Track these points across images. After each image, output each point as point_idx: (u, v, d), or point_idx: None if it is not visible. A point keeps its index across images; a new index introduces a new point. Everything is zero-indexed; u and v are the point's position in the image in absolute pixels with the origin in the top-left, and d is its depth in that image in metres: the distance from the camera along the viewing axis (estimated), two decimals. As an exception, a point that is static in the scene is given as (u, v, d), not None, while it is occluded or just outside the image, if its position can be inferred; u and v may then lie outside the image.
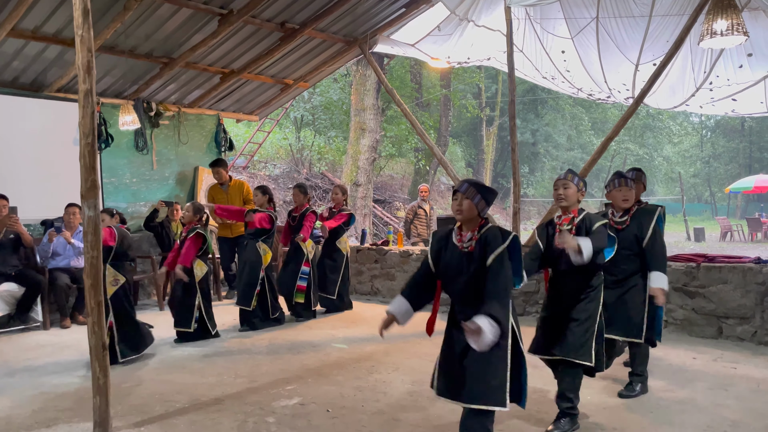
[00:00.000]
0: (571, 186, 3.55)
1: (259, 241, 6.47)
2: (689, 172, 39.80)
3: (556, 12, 7.26)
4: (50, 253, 6.84)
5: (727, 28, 4.47)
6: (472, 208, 2.96)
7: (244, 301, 6.38)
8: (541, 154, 31.49)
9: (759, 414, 3.70)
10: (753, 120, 33.22)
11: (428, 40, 8.14)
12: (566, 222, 3.56)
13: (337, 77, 19.02)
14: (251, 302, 6.36)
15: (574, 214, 3.56)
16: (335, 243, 7.31)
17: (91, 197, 3.48)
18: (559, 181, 3.61)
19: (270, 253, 6.56)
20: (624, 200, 4.10)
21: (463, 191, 2.98)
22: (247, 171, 15.80)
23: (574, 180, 3.57)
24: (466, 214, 2.97)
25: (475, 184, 3.01)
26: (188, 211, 6.00)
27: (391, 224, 15.65)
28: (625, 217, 4.14)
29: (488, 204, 3.00)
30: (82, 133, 3.46)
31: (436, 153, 8.75)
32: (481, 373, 2.88)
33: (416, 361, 5.01)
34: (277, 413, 3.87)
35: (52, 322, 6.75)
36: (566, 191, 3.55)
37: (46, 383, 4.61)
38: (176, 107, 8.88)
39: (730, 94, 7.37)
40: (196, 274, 5.85)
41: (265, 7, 6.92)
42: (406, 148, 20.17)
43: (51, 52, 6.87)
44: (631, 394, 4.05)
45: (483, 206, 2.97)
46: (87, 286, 3.50)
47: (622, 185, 4.08)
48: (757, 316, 5.32)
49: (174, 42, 7.26)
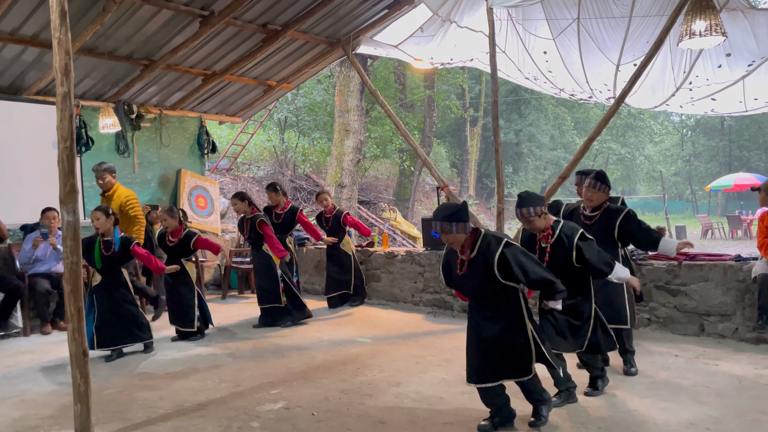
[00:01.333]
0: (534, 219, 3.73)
1: (263, 245, 6.53)
2: (670, 170, 40.24)
3: (538, 13, 7.29)
4: (32, 259, 6.73)
5: (706, 29, 4.52)
6: (458, 236, 3.33)
7: (274, 299, 6.51)
8: (525, 154, 31.66)
9: (740, 410, 3.74)
10: (732, 119, 33.68)
11: (411, 41, 8.13)
12: (544, 239, 3.79)
13: (321, 78, 18.96)
14: (281, 299, 6.51)
15: (549, 232, 3.77)
16: (339, 245, 7.51)
17: (70, 202, 3.43)
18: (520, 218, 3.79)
19: None
20: (588, 200, 4.43)
21: (440, 230, 3.36)
22: (230, 173, 15.69)
23: (531, 212, 3.71)
24: (456, 243, 3.38)
25: (445, 218, 3.33)
26: (167, 219, 5.96)
27: (376, 225, 15.63)
28: (596, 212, 4.43)
29: (465, 220, 3.31)
30: (60, 137, 3.41)
31: (420, 154, 8.75)
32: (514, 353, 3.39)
33: (402, 363, 5.00)
34: (261, 418, 3.84)
35: (32, 328, 6.66)
36: (531, 224, 3.77)
37: (26, 390, 4.54)
38: (158, 109, 8.80)
39: (710, 94, 7.44)
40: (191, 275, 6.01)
41: (247, 8, 6.88)
42: (390, 149, 20.15)
43: (29, 54, 6.78)
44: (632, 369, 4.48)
45: (462, 227, 3.31)
46: (67, 292, 3.45)
47: (592, 186, 4.39)
48: (738, 313, 5.38)
49: (155, 44, 7.19)
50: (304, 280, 8.92)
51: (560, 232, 3.71)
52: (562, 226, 3.74)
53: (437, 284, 7.34)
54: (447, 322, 6.64)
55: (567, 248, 3.66)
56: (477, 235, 3.36)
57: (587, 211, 4.48)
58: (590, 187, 4.38)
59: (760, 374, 4.45)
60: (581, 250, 3.62)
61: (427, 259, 7.47)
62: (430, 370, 4.78)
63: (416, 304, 7.58)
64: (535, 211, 3.70)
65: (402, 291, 7.77)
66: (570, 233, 3.68)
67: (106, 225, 5.29)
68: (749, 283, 5.27)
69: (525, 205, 3.71)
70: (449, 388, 4.32)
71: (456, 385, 4.35)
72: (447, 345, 5.50)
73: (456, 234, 3.31)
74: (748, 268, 5.32)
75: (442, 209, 3.39)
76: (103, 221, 5.27)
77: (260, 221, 6.44)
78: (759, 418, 3.62)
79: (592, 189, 4.38)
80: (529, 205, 3.70)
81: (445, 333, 6.08)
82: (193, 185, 9.33)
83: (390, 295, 7.91)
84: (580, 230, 3.72)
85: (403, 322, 6.77)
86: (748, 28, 6.29)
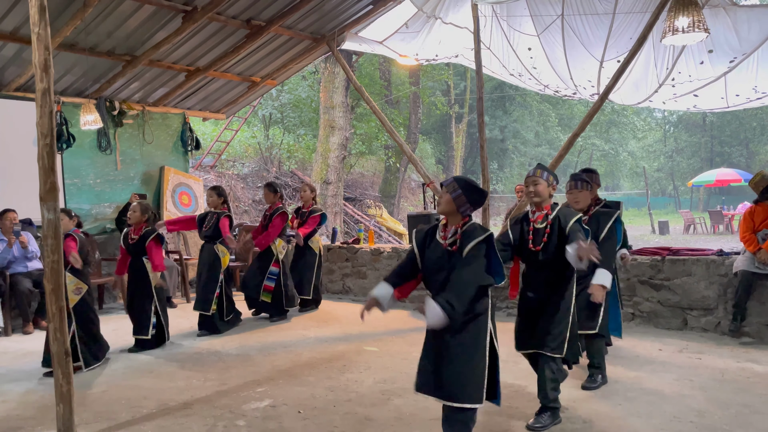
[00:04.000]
0: (540, 182, 3.56)
1: (216, 243, 6.32)
2: (653, 166, 40.63)
3: (522, 9, 7.31)
4: (7, 261, 6.61)
5: (689, 25, 4.55)
6: (450, 202, 3.03)
7: (204, 305, 6.20)
8: (510, 150, 31.79)
9: (723, 403, 3.79)
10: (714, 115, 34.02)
11: (396, 37, 8.12)
12: (540, 219, 3.59)
13: (306, 75, 18.86)
14: (211, 306, 6.18)
15: (548, 210, 3.58)
16: (307, 243, 7.25)
17: (51, 200, 3.37)
18: (528, 179, 3.63)
19: (228, 255, 6.45)
20: (575, 202, 4.25)
21: (445, 185, 3.08)
22: (214, 170, 15.58)
23: (543, 175, 3.58)
24: (443, 207, 3.06)
25: (459, 180, 3.06)
26: (136, 212, 5.59)
27: (362, 222, 15.62)
28: (584, 216, 4.24)
29: (470, 201, 3.04)
30: (40, 134, 3.35)
31: (406, 150, 8.74)
32: (461, 372, 2.95)
33: (388, 360, 5.00)
34: (247, 416, 3.82)
35: (13, 327, 6.56)
36: (537, 188, 3.57)
37: (8, 391, 4.47)
38: (140, 106, 8.70)
39: (692, 90, 7.51)
40: (151, 279, 5.60)
41: (231, 3, 6.81)
42: (376, 145, 20.12)
43: (8, 50, 6.67)
44: (593, 385, 4.15)
45: (463, 202, 3.03)
46: (48, 291, 3.39)
47: (572, 188, 4.26)
48: (720, 307, 5.44)
49: (137, 39, 7.10)
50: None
51: (557, 213, 3.54)
52: (560, 208, 3.61)
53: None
54: (433, 319, 6.64)
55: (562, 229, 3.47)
56: (467, 221, 3.10)
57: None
58: (572, 189, 4.26)
59: (742, 367, 4.51)
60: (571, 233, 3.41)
61: (413, 255, 7.46)
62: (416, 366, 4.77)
63: (402, 300, 7.56)
64: (546, 176, 3.55)
65: (388, 287, 7.76)
66: (566, 215, 3.52)
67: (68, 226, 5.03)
68: (731, 277, 5.34)
69: (540, 168, 3.61)
70: (436, 384, 4.31)
71: (442, 381, 4.35)
72: (433, 341, 5.49)
73: (450, 200, 3.02)
74: (730, 262, 5.39)
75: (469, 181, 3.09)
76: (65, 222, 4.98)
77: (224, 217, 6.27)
78: (741, 410, 3.66)
79: (575, 190, 4.25)
80: (543, 169, 3.60)
81: (432, 329, 6.07)
82: (176, 182, 9.24)
83: (376, 291, 7.89)
84: (578, 215, 3.58)
85: (389, 318, 6.73)
86: (730, 25, 6.35)
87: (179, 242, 9.37)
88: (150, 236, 5.57)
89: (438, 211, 3.11)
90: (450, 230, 3.07)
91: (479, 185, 3.13)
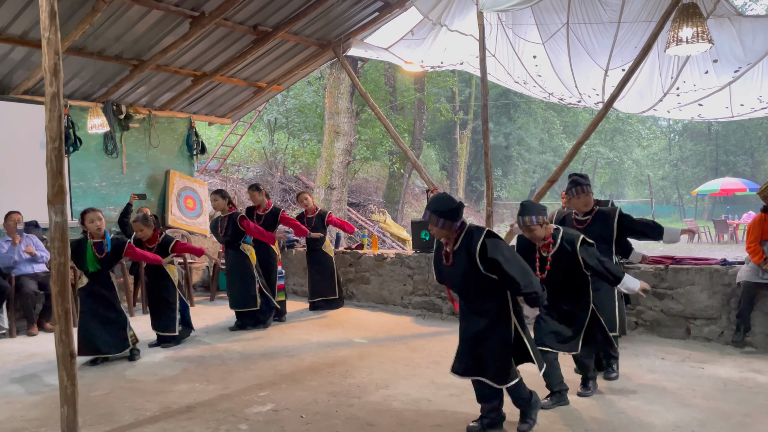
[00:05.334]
0: (534, 228, 3.73)
1: (240, 244, 6.49)
2: (658, 174, 40.56)
3: (528, 17, 7.34)
4: (13, 260, 6.65)
5: (693, 36, 4.57)
6: (441, 231, 3.36)
7: (250, 302, 6.44)
8: (514, 157, 31.79)
9: (725, 414, 3.78)
10: (719, 124, 34.02)
11: (402, 44, 8.16)
12: (544, 248, 3.80)
13: (311, 80, 18.93)
14: (257, 301, 6.45)
15: (549, 240, 3.78)
16: (321, 248, 7.49)
17: (58, 202, 3.40)
18: (523, 227, 3.79)
19: (254, 251, 6.59)
20: (585, 206, 4.45)
21: (427, 220, 3.38)
22: (219, 174, 15.63)
23: (534, 221, 3.71)
24: (438, 236, 3.42)
25: (434, 211, 3.34)
26: (143, 230, 5.69)
27: (366, 228, 15.63)
28: (588, 216, 4.48)
29: (454, 219, 3.34)
30: (48, 137, 3.39)
31: (410, 157, 8.77)
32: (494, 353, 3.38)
33: (390, 365, 5.01)
34: (249, 420, 3.83)
35: (18, 329, 6.60)
36: (533, 233, 3.76)
37: (12, 392, 4.50)
38: (147, 110, 8.76)
39: (697, 99, 7.52)
40: (173, 278, 5.84)
41: (238, 9, 6.87)
42: (380, 151, 20.14)
43: (17, 53, 6.73)
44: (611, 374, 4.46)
45: (450, 225, 3.33)
46: (54, 294, 3.42)
47: (580, 193, 4.41)
48: (724, 317, 5.43)
49: (144, 44, 7.16)
50: (293, 282, 8.91)
51: (561, 241, 3.73)
52: (563, 234, 3.76)
53: (426, 287, 7.36)
54: (436, 325, 6.66)
55: (572, 256, 3.70)
56: (462, 228, 3.38)
57: (580, 216, 4.51)
58: (579, 194, 4.40)
59: (745, 377, 4.50)
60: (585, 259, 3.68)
61: (416, 261, 7.48)
62: (419, 372, 4.79)
63: (405, 306, 7.59)
64: (537, 220, 3.70)
65: (391, 293, 7.78)
66: (571, 240, 3.71)
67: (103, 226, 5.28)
68: (735, 287, 5.33)
69: (527, 214, 3.72)
70: (437, 390, 4.33)
71: (444, 387, 4.37)
72: (436, 347, 5.51)
73: (439, 230, 3.35)
74: (734, 272, 5.38)
75: (438, 201, 3.37)
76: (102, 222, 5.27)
77: (240, 217, 6.41)
78: (743, 420, 3.66)
79: (582, 193, 4.40)
80: (531, 213, 3.71)
81: (434, 335, 6.09)
82: (181, 186, 9.29)
83: (379, 297, 7.92)
84: (580, 236, 3.73)
85: (392, 324, 6.77)
86: (734, 35, 6.36)
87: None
88: (171, 242, 5.81)
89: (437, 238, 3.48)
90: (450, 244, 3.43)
91: (451, 199, 3.40)
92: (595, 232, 4.30)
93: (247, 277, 6.47)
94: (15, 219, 6.70)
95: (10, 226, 6.67)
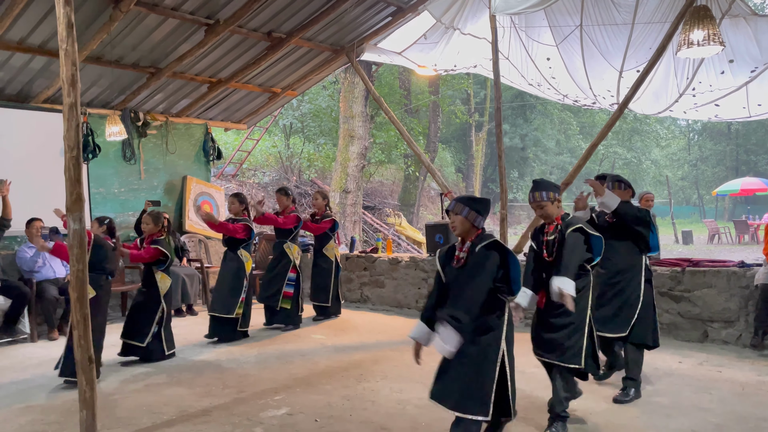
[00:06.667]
0: (545, 205, 3.62)
1: (240, 249, 6.39)
2: (677, 175, 40.10)
3: (541, 20, 7.33)
4: (36, 264, 6.78)
5: (704, 39, 4.53)
6: (464, 221, 3.13)
7: (228, 309, 6.22)
8: (531, 158, 31.66)
9: (742, 417, 3.75)
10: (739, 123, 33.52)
11: (415, 48, 8.19)
12: (551, 230, 3.67)
13: (326, 84, 19.02)
14: (235, 309, 6.22)
15: (558, 222, 3.64)
16: (321, 250, 7.34)
17: (77, 210, 3.47)
18: (533, 203, 3.68)
19: (251, 260, 6.52)
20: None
21: (452, 208, 3.19)
22: (236, 179, 15.77)
23: (544, 196, 3.60)
24: (459, 229, 3.16)
25: (462, 199, 3.19)
26: (148, 223, 5.56)
27: (381, 231, 15.66)
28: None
29: (480, 214, 3.14)
30: (67, 146, 3.46)
31: (424, 160, 8.79)
32: (469, 382, 3.00)
33: (405, 370, 5.02)
34: (264, 424, 3.87)
35: (39, 334, 6.71)
36: (544, 210, 3.64)
37: (33, 396, 4.59)
38: (164, 117, 8.88)
39: (713, 100, 7.45)
40: (160, 287, 5.50)
41: (252, 16, 6.94)
42: (395, 154, 20.18)
43: (37, 63, 6.86)
44: (625, 399, 4.09)
45: (474, 217, 3.12)
46: (73, 300, 3.49)
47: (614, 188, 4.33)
48: (742, 319, 5.38)
49: (161, 52, 7.26)
50: (306, 286, 8.91)
51: (563, 224, 3.60)
52: (569, 218, 3.63)
53: (441, 290, 7.34)
54: (451, 328, 6.64)
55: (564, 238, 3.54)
56: (481, 233, 3.16)
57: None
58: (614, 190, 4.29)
59: (762, 381, 4.45)
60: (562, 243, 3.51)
61: (431, 264, 7.49)
62: (433, 376, 4.78)
63: (420, 310, 7.58)
64: (548, 195, 3.59)
65: (406, 297, 7.80)
66: (568, 224, 3.56)
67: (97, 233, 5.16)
68: (753, 289, 5.27)
69: (538, 189, 3.62)
70: (452, 394, 4.33)
71: (458, 391, 4.36)
72: (450, 351, 5.49)
73: (463, 219, 3.12)
74: (752, 274, 5.32)
75: (468, 195, 3.30)
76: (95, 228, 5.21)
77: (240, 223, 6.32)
78: (760, 424, 3.62)
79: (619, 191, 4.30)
80: (542, 189, 3.61)
81: (449, 339, 6.08)
82: (198, 191, 9.39)
83: (394, 300, 7.93)
84: (578, 224, 3.57)
85: (406, 328, 6.72)
86: (750, 35, 6.30)
87: (200, 250, 9.50)
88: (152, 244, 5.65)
89: (456, 235, 3.21)
90: (463, 246, 3.16)
91: (484, 198, 3.26)
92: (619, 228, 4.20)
93: (236, 283, 6.31)
94: (37, 226, 6.83)
95: (32, 233, 6.80)
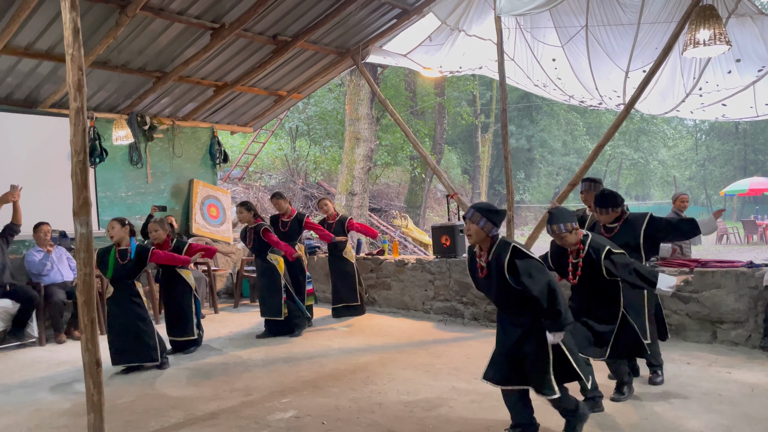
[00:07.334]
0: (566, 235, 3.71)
1: (267, 254, 6.58)
2: (685, 175, 39.89)
3: (546, 21, 7.31)
4: (45, 268, 6.82)
5: (710, 38, 4.51)
6: (480, 231, 3.29)
7: (276, 312, 6.51)
8: (537, 159, 31.57)
9: (752, 419, 3.72)
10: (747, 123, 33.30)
11: (420, 50, 8.18)
12: (574, 254, 3.81)
13: (332, 87, 19.05)
14: (282, 311, 6.50)
15: (579, 246, 3.77)
16: (342, 254, 7.50)
17: (84, 214, 3.49)
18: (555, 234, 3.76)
19: (282, 260, 6.66)
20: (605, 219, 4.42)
21: (469, 217, 3.32)
22: (242, 182, 15.81)
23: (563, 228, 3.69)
24: (475, 237, 3.33)
25: (480, 209, 3.31)
26: (158, 230, 5.88)
27: (387, 233, 15.66)
28: (616, 224, 4.38)
29: (495, 225, 3.31)
30: (73, 151, 3.48)
31: (430, 163, 8.78)
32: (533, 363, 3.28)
33: (411, 372, 5.01)
34: (272, 426, 3.87)
35: (47, 337, 6.75)
36: (565, 240, 3.75)
37: (41, 400, 4.61)
38: (170, 120, 8.92)
39: (720, 100, 7.41)
40: (189, 282, 5.96)
41: (257, 20, 6.97)
42: (401, 156, 20.18)
43: (44, 68, 6.90)
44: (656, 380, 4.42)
45: (490, 228, 3.29)
46: (80, 303, 3.50)
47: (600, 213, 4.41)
48: (751, 320, 5.34)
49: (167, 56, 7.30)
50: (315, 288, 8.94)
51: (589, 248, 3.73)
52: (591, 241, 3.75)
53: (448, 292, 7.35)
54: (458, 330, 6.65)
55: (596, 264, 3.70)
56: (494, 240, 3.33)
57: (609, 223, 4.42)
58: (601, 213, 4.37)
59: (772, 382, 4.42)
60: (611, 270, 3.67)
61: (437, 267, 7.48)
62: (440, 378, 4.79)
63: (427, 312, 7.59)
64: (566, 227, 3.70)
65: (413, 299, 7.79)
66: (597, 248, 3.70)
67: (120, 233, 5.30)
68: (762, 290, 5.23)
69: (555, 222, 3.72)
70: (459, 396, 4.32)
71: (465, 393, 4.36)
72: (457, 353, 5.50)
73: (478, 229, 3.28)
74: (761, 274, 5.28)
75: (484, 203, 3.45)
76: (117, 230, 5.31)
77: (264, 230, 6.48)
78: (771, 426, 3.59)
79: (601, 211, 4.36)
80: (560, 221, 3.71)
81: (456, 341, 6.09)
82: (205, 195, 9.42)
83: (401, 302, 7.93)
84: (606, 247, 3.70)
85: (413, 330, 6.78)
86: (757, 34, 6.27)
87: (207, 253, 9.52)
88: (184, 246, 5.90)
89: (470, 243, 3.38)
90: (483, 255, 3.37)
91: (500, 209, 3.38)
92: (623, 239, 4.23)
93: (274, 286, 6.55)
94: (45, 230, 6.89)
95: (40, 237, 6.86)
